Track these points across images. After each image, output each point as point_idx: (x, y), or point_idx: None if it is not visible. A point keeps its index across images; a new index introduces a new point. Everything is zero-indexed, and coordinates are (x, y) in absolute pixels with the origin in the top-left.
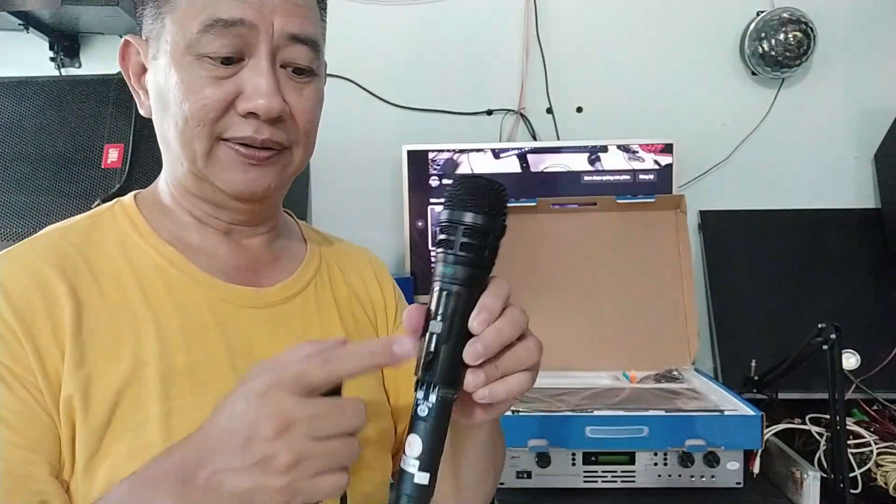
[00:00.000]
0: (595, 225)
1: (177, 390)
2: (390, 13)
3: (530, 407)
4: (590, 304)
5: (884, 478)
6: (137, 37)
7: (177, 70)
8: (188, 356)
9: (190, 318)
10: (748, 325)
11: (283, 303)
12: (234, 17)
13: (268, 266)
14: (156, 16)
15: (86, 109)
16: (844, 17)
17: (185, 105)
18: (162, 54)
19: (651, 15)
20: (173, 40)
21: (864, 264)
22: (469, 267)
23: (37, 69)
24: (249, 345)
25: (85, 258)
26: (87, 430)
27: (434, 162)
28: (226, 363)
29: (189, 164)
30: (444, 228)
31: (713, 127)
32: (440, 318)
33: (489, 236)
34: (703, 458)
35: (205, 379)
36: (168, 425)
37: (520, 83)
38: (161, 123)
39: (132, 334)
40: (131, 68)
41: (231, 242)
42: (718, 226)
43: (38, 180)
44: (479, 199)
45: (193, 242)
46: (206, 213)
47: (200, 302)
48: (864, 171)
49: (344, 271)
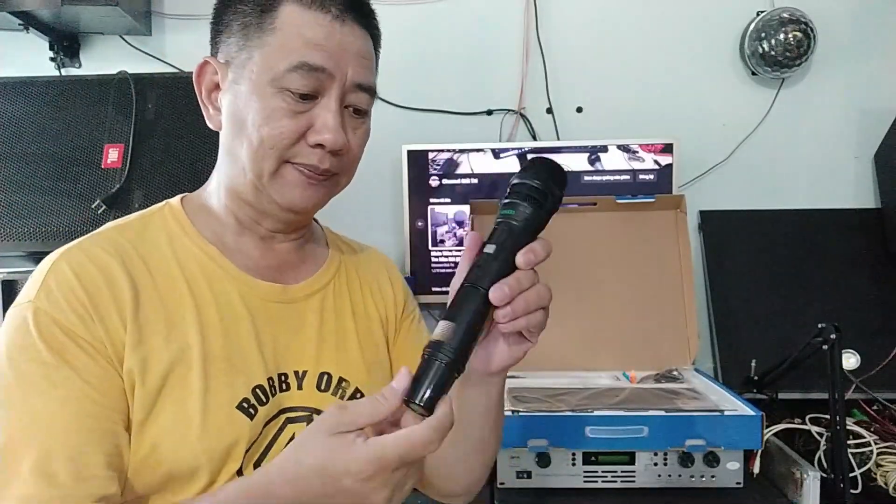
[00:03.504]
0: (595, 225)
1: (214, 371)
2: (390, 13)
3: (530, 407)
4: (590, 305)
5: (884, 478)
6: (215, 58)
7: (259, 98)
8: (224, 342)
9: (225, 309)
10: (748, 325)
11: (304, 299)
12: (318, 64)
13: (294, 267)
14: (242, 46)
15: (86, 109)
16: (844, 17)
17: (263, 129)
18: (244, 81)
19: (651, 15)
20: (259, 72)
21: (864, 264)
22: (528, 213)
23: (37, 69)
24: (274, 335)
25: (139, 253)
26: (142, 398)
27: (434, 162)
28: (255, 350)
29: (255, 178)
30: (516, 185)
31: (713, 127)
32: (494, 242)
33: (548, 198)
34: (703, 458)
35: (236, 362)
36: (206, 400)
37: (520, 83)
38: (232, 139)
39: (180, 320)
40: (204, 85)
41: (265, 246)
42: (718, 226)
43: (38, 180)
44: (550, 172)
45: (231, 243)
46: (252, 218)
47: (235, 295)
48: (864, 171)
49: (360, 272)
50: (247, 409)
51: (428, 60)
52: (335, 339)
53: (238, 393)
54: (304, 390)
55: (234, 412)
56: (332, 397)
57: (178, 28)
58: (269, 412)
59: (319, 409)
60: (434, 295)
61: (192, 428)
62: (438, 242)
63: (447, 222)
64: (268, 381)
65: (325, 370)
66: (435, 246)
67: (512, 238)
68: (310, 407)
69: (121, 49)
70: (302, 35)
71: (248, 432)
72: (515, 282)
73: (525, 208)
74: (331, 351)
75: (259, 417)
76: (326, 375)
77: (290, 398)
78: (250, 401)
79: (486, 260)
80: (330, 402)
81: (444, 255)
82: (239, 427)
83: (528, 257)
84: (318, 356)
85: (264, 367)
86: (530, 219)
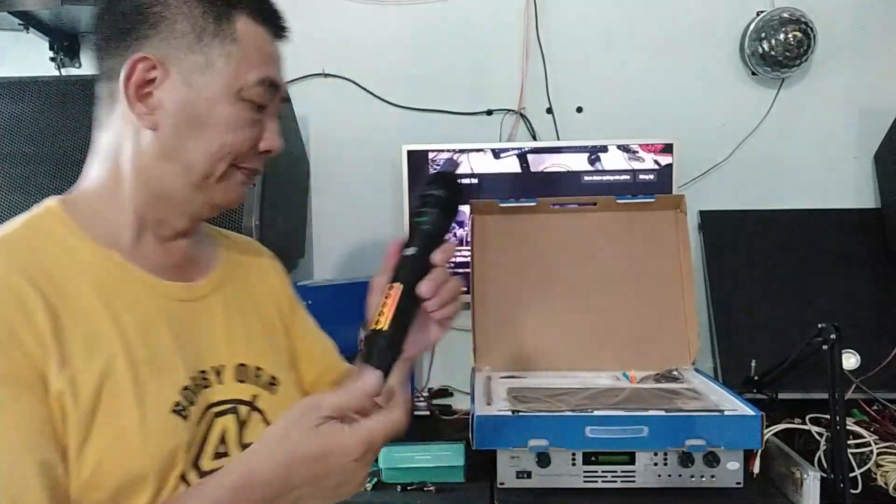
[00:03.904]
0: (595, 225)
1: (143, 378)
2: (390, 13)
3: (530, 407)
4: (590, 305)
5: (884, 478)
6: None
7: (225, 105)
8: (146, 347)
9: (140, 314)
10: (748, 325)
11: (209, 295)
12: (276, 80)
13: (192, 265)
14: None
15: (86, 109)
16: (844, 17)
17: (227, 136)
18: (205, 86)
19: (651, 15)
20: (226, 80)
21: (864, 264)
22: (438, 219)
23: (37, 69)
24: (188, 333)
25: (42, 268)
26: (77, 420)
27: (434, 162)
28: (175, 351)
29: (201, 178)
30: (425, 197)
31: (713, 127)
32: (414, 245)
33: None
34: (703, 458)
35: (161, 366)
36: (142, 410)
37: (520, 83)
38: (181, 140)
39: (98, 332)
40: (136, 81)
41: (164, 246)
42: (718, 226)
43: (38, 180)
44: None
45: (129, 246)
46: (162, 219)
47: (145, 298)
48: (864, 171)
49: (251, 263)
50: (180, 412)
51: (428, 60)
52: (244, 330)
53: (170, 396)
54: (224, 384)
55: (170, 416)
56: (251, 387)
57: None
58: (198, 411)
59: (243, 400)
60: None
61: (134, 440)
62: None
63: None
64: (191, 381)
65: (241, 361)
66: None
67: (427, 241)
68: (233, 399)
69: None
70: (261, 50)
71: (187, 434)
72: (438, 276)
73: (435, 215)
74: (242, 342)
75: (192, 418)
76: (242, 366)
77: (213, 394)
78: (182, 403)
79: (409, 260)
80: (251, 391)
81: None
82: (178, 431)
83: (443, 256)
84: (231, 349)
85: (185, 367)
86: (440, 223)
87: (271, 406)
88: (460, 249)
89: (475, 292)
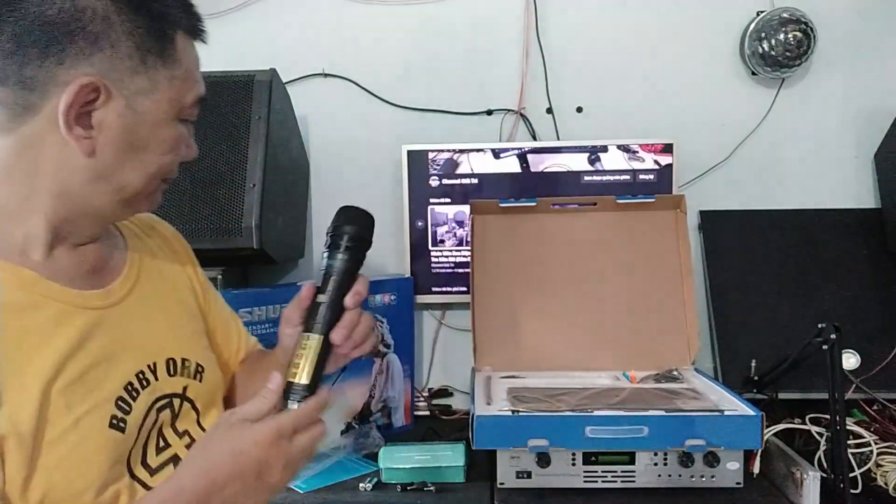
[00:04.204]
0: (595, 225)
1: (76, 399)
2: (390, 13)
3: (530, 407)
4: (590, 304)
5: (884, 478)
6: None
7: (166, 128)
8: (75, 366)
9: (65, 332)
10: (748, 325)
11: (127, 295)
12: (204, 94)
13: (104, 265)
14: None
15: None
16: (844, 17)
17: (165, 157)
18: (148, 110)
19: (651, 15)
20: (168, 104)
21: (864, 264)
22: (346, 261)
23: None
24: (117, 337)
25: None
26: (20, 456)
27: (434, 162)
28: (106, 362)
29: (131, 196)
30: (332, 237)
31: (713, 127)
32: (327, 292)
33: (360, 244)
34: (703, 458)
35: (93, 383)
36: (80, 434)
37: (520, 83)
38: (118, 162)
39: (28, 360)
40: (77, 103)
41: (76, 253)
42: (718, 226)
43: None
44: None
45: (40, 259)
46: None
47: (69, 314)
48: (864, 171)
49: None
50: (117, 424)
51: (428, 60)
52: (166, 323)
53: (106, 411)
54: (159, 380)
55: (108, 432)
56: (182, 378)
57: None
58: (139, 414)
59: (175, 393)
60: (434, 295)
61: (75, 466)
62: (438, 242)
63: (447, 222)
64: (127, 387)
65: (169, 356)
66: (435, 246)
67: (338, 286)
68: (168, 393)
69: None
70: (194, 66)
71: (127, 444)
72: (349, 322)
73: (343, 257)
74: (167, 336)
75: (130, 426)
76: (171, 360)
77: (151, 391)
78: (118, 414)
79: (321, 309)
80: (182, 382)
81: (444, 255)
82: (117, 445)
83: (355, 299)
84: (158, 345)
85: (120, 374)
86: (349, 266)
87: (199, 394)
88: (460, 249)
89: (475, 292)
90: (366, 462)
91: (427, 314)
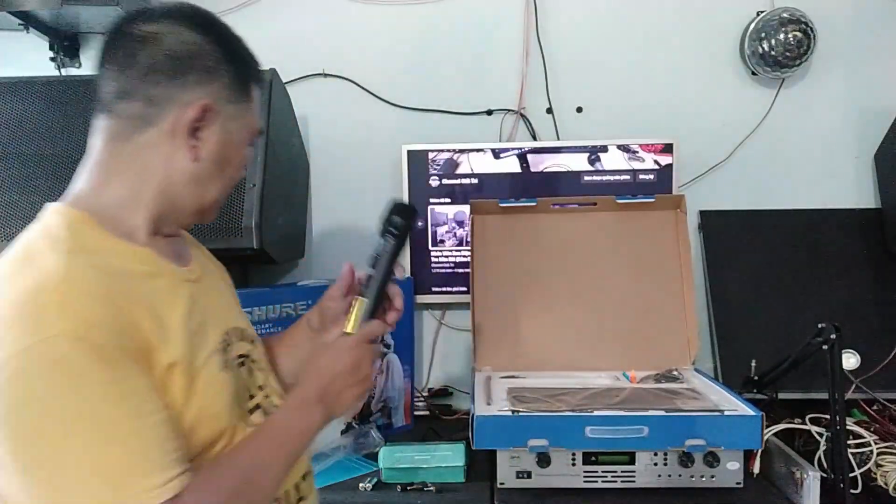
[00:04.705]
0: (595, 225)
1: (197, 347)
2: (390, 13)
3: (530, 407)
4: (590, 305)
5: (884, 478)
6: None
7: (244, 149)
8: (192, 322)
9: (179, 298)
10: (748, 325)
11: (201, 276)
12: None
13: (181, 254)
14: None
15: (86, 109)
16: (844, 17)
17: (239, 172)
18: (236, 132)
19: (651, 15)
20: (248, 130)
21: (864, 264)
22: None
23: (37, 69)
24: (206, 309)
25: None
26: (183, 382)
27: (434, 162)
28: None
29: (210, 204)
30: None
31: (713, 127)
32: (379, 267)
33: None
34: (703, 458)
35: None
36: (208, 370)
37: (520, 83)
38: (212, 173)
39: (167, 313)
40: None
41: (165, 241)
42: (718, 226)
43: (38, 180)
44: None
45: (145, 243)
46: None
47: (177, 283)
48: (864, 171)
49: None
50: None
51: (428, 60)
52: (225, 301)
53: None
54: (233, 344)
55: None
56: (245, 343)
57: None
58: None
59: (246, 354)
60: (434, 295)
61: (213, 391)
62: (438, 242)
63: (447, 222)
64: (222, 343)
65: (235, 325)
66: (435, 246)
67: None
68: (242, 353)
69: None
70: (258, 105)
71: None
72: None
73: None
74: (230, 310)
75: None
76: (237, 328)
77: (233, 349)
78: (225, 360)
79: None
80: (246, 347)
81: (444, 255)
82: (230, 383)
83: (399, 272)
84: (228, 316)
85: (213, 336)
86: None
87: (258, 357)
88: (460, 249)
89: (475, 292)
90: (366, 462)
91: (427, 314)
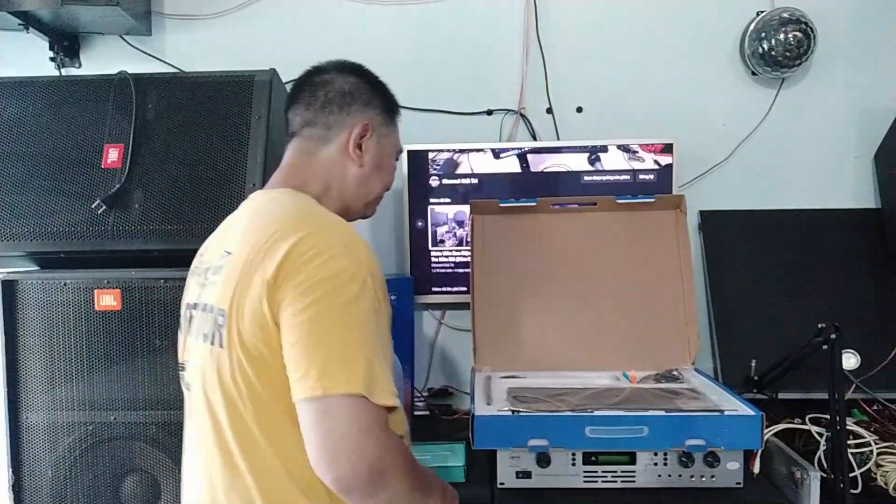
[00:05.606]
0: (595, 225)
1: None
2: (390, 13)
3: (530, 407)
4: (590, 304)
5: (884, 478)
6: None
7: (393, 159)
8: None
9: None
10: (748, 325)
11: None
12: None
13: None
14: (386, 124)
15: (86, 109)
16: (844, 17)
17: (389, 178)
18: (387, 146)
19: (651, 15)
20: (396, 146)
21: (864, 264)
22: None
23: (37, 69)
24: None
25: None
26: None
27: (434, 162)
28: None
29: (371, 201)
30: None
31: (713, 127)
32: None
33: None
34: (703, 458)
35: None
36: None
37: (520, 83)
38: (372, 176)
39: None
40: (360, 135)
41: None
42: (718, 226)
43: (38, 180)
44: None
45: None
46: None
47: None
48: (864, 171)
49: None
50: None
51: (428, 60)
52: None
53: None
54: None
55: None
56: None
57: (177, 28)
58: None
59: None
60: (434, 295)
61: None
62: (438, 242)
63: (447, 222)
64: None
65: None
66: (435, 246)
67: None
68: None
69: (121, 49)
70: (399, 132)
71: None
72: None
73: None
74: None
75: None
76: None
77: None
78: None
79: None
80: None
81: (444, 255)
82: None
83: None
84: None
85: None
86: None
87: None
88: (460, 249)
89: (475, 292)
90: None
91: (427, 314)
